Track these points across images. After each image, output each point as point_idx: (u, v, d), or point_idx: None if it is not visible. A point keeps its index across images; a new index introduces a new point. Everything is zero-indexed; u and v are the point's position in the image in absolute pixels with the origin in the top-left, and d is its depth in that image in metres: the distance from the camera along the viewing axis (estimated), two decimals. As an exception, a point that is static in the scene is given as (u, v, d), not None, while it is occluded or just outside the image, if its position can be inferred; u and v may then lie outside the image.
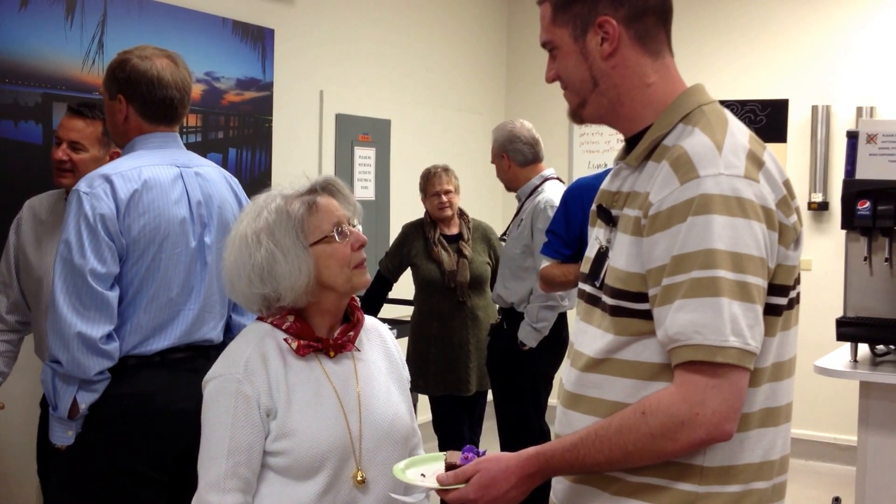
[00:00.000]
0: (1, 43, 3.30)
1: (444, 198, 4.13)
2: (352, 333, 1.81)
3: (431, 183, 4.16)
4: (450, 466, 1.50)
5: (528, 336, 3.65)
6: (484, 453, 1.51)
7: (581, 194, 3.14)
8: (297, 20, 4.68)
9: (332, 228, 1.74)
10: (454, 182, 4.19)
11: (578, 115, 1.53)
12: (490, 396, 4.35)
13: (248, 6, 4.37)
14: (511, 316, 3.78)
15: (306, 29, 4.74)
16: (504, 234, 3.93)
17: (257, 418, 1.68)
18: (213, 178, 2.44)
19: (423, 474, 1.57)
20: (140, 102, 2.36)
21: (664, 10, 1.48)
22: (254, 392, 1.68)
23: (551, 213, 3.63)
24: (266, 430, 1.69)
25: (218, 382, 1.71)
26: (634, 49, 1.45)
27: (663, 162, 1.39)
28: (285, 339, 1.74)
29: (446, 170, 4.19)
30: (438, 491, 1.50)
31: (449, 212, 4.15)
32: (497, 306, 3.97)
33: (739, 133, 1.41)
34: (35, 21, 3.38)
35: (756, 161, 1.38)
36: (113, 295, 2.23)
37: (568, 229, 3.20)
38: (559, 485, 1.54)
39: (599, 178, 3.03)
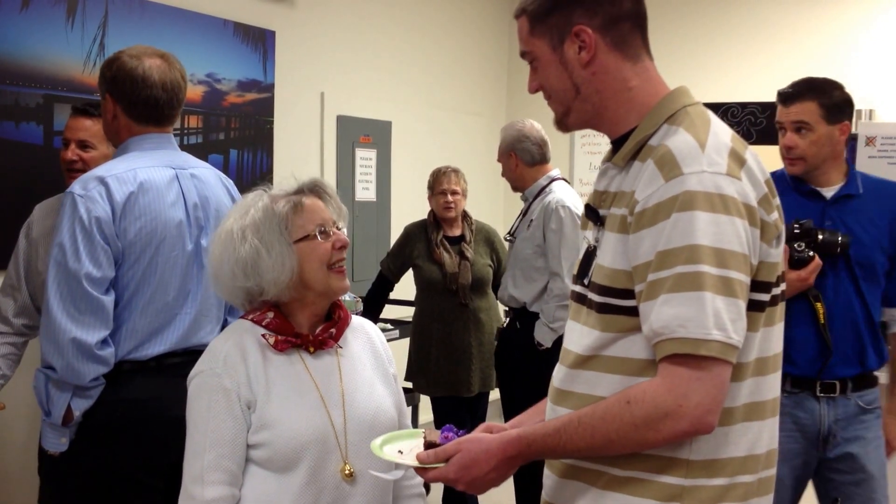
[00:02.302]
0: (2, 44, 3.31)
1: (451, 198, 4.14)
2: (333, 331, 1.83)
3: (440, 181, 4.17)
4: (429, 445, 1.52)
5: (545, 336, 3.65)
6: (463, 433, 1.53)
7: None
8: (298, 22, 4.69)
9: (315, 228, 1.77)
10: (462, 185, 4.20)
11: (564, 123, 1.56)
12: (492, 396, 4.36)
13: (250, 8, 4.38)
14: (523, 316, 3.78)
15: (307, 31, 4.76)
16: (510, 233, 3.93)
17: (238, 411, 1.71)
18: (209, 179, 2.43)
19: (400, 451, 1.58)
20: (126, 102, 2.34)
21: (639, 16, 1.51)
22: (234, 385, 1.71)
23: (563, 214, 3.65)
24: (248, 422, 1.71)
25: (199, 379, 1.75)
26: (612, 55, 1.48)
27: (648, 160, 1.41)
28: (263, 335, 1.76)
29: (456, 171, 4.21)
30: (418, 469, 1.51)
31: (453, 213, 4.17)
32: (502, 308, 3.96)
33: (722, 132, 1.44)
34: (36, 22, 3.39)
35: (738, 159, 1.40)
36: (108, 299, 2.21)
37: None
38: (548, 480, 1.55)
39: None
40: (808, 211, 2.66)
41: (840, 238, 2.58)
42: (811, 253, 2.59)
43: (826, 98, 2.62)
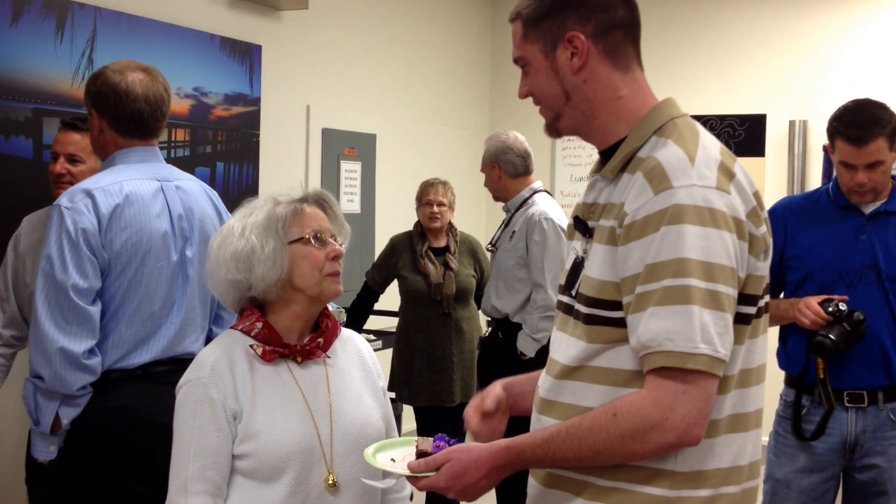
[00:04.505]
0: (-8, 59, 3.34)
1: (436, 209, 4.20)
2: (321, 340, 1.83)
3: (426, 192, 4.24)
4: (421, 454, 1.53)
5: (528, 346, 3.69)
6: (454, 442, 1.54)
7: (783, 216, 2.78)
8: (284, 37, 4.74)
9: (311, 233, 1.79)
10: (449, 197, 4.26)
11: (554, 128, 1.56)
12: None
13: (236, 23, 4.42)
14: (506, 326, 3.82)
15: (293, 45, 4.80)
16: (492, 243, 3.98)
17: (224, 422, 1.70)
18: (194, 191, 2.46)
19: (392, 459, 1.59)
20: (110, 116, 2.37)
21: (632, 26, 1.51)
22: (220, 395, 1.71)
23: (546, 226, 3.69)
24: (233, 433, 1.71)
25: (186, 388, 1.75)
26: (603, 63, 1.48)
27: (637, 173, 1.41)
28: (252, 346, 1.77)
29: (444, 184, 4.27)
30: (409, 477, 1.53)
31: (438, 223, 4.22)
32: (484, 318, 4.01)
33: (711, 145, 1.45)
34: (25, 37, 3.42)
35: (727, 173, 1.41)
36: (95, 310, 2.24)
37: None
38: (532, 489, 1.56)
39: (807, 198, 2.84)
40: (844, 226, 2.65)
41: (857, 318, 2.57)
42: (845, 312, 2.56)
43: (889, 128, 2.57)
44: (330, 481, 1.74)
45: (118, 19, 3.77)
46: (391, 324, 4.57)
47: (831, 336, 2.56)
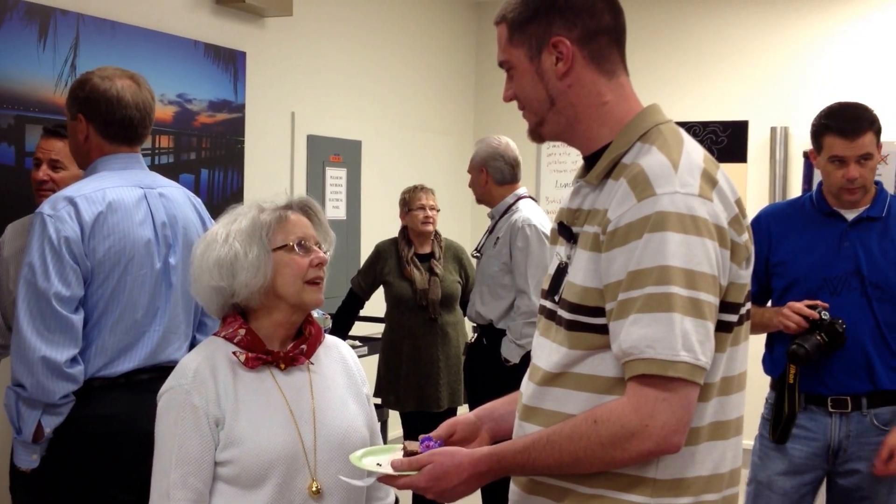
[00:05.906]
0: (-26, 66, 3.33)
1: (430, 213, 4.22)
2: (304, 347, 1.83)
3: (418, 197, 4.25)
4: (409, 454, 1.54)
5: (512, 352, 3.70)
6: (441, 444, 1.55)
7: (768, 223, 2.79)
8: (268, 43, 4.74)
9: (295, 240, 1.79)
10: (436, 202, 4.29)
11: (538, 133, 1.55)
12: (460, 411, 4.41)
13: (220, 29, 4.42)
14: (490, 332, 3.83)
15: (278, 52, 4.81)
16: (477, 249, 4.00)
17: (206, 428, 1.70)
18: (177, 198, 2.46)
19: (378, 464, 1.59)
20: (100, 122, 2.37)
21: (617, 31, 1.51)
22: (202, 402, 1.71)
23: (529, 233, 3.69)
24: (215, 440, 1.71)
25: (168, 395, 1.75)
26: (588, 68, 1.48)
27: (621, 179, 1.41)
28: (234, 353, 1.76)
29: (431, 189, 4.30)
30: (390, 476, 1.53)
31: (431, 227, 4.24)
32: (470, 324, 4.02)
33: (695, 152, 1.45)
34: (8, 44, 3.41)
35: (710, 180, 1.41)
36: (77, 318, 2.23)
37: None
38: (514, 496, 1.56)
39: (790, 205, 2.85)
40: (827, 232, 2.66)
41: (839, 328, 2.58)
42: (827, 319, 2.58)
43: (877, 124, 2.59)
44: (314, 488, 1.74)
45: (101, 26, 3.76)
46: (377, 330, 4.57)
47: (805, 346, 2.58)
